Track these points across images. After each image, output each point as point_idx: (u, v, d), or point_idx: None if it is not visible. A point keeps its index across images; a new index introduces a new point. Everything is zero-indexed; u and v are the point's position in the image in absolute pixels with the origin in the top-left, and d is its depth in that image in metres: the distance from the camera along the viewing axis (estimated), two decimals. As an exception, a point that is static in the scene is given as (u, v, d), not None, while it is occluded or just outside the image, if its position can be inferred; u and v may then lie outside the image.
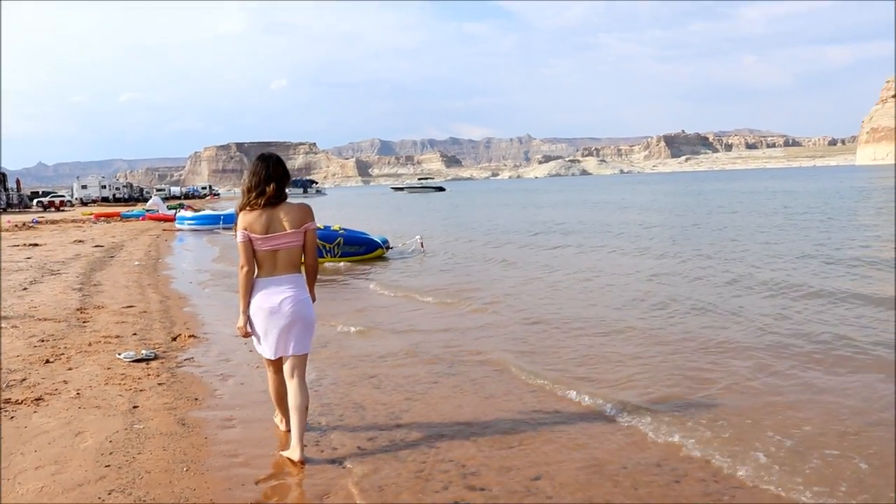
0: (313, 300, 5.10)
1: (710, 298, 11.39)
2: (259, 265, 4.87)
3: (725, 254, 17.87)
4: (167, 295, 13.24)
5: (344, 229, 21.08)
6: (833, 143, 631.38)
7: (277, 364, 5.10)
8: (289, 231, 4.79)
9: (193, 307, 11.94)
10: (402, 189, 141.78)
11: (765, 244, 19.80)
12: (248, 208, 4.78)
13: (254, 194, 4.76)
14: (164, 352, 8.20)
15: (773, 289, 12.07)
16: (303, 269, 5.10)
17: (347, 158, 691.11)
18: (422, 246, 21.63)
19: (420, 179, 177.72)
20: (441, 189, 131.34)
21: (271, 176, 4.80)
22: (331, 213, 53.57)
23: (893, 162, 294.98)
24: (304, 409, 4.91)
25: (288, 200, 4.92)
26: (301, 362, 4.97)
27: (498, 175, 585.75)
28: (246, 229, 4.76)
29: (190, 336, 9.10)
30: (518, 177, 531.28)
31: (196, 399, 6.37)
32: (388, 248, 20.96)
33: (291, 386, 4.93)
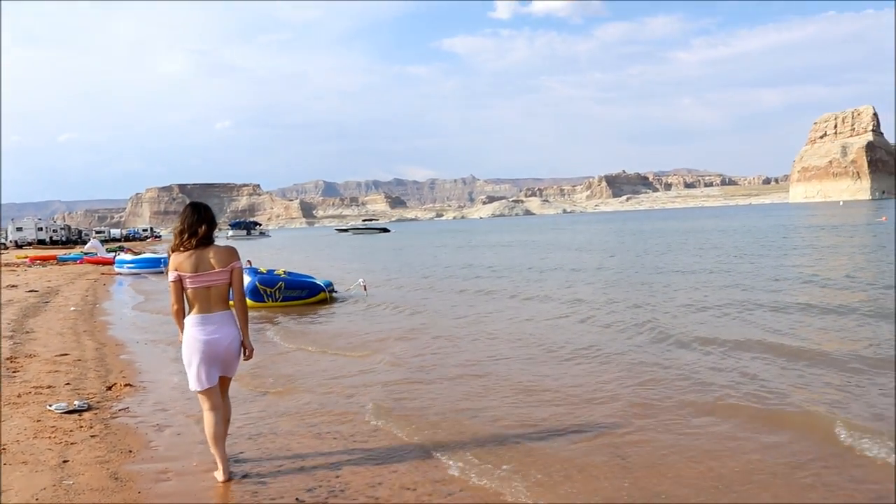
0: (245, 335, 5.50)
1: (610, 346, 11.33)
2: (191, 303, 5.27)
3: (639, 298, 18.08)
4: (103, 342, 12.90)
5: (288, 273, 20.90)
6: (767, 181, 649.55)
7: (213, 400, 5.38)
8: (217, 270, 5.25)
9: (130, 354, 11.67)
10: (346, 230, 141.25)
11: (668, 288, 20.29)
12: (180, 249, 5.23)
13: (186, 235, 5.25)
14: (98, 402, 7.98)
15: (660, 336, 11.93)
16: (233, 307, 5.52)
17: (292, 200, 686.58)
18: (365, 289, 21.50)
19: (364, 221, 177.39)
20: (385, 230, 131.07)
21: (202, 219, 5.31)
22: (274, 255, 53.20)
23: (822, 199, 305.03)
24: (226, 422, 5.56)
25: (216, 243, 5.41)
26: (228, 382, 5.63)
27: (442, 216, 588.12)
28: (177, 269, 5.20)
29: (126, 385, 8.90)
30: (462, 217, 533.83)
31: (130, 451, 6.20)
32: (332, 291, 20.76)
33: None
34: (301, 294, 19.86)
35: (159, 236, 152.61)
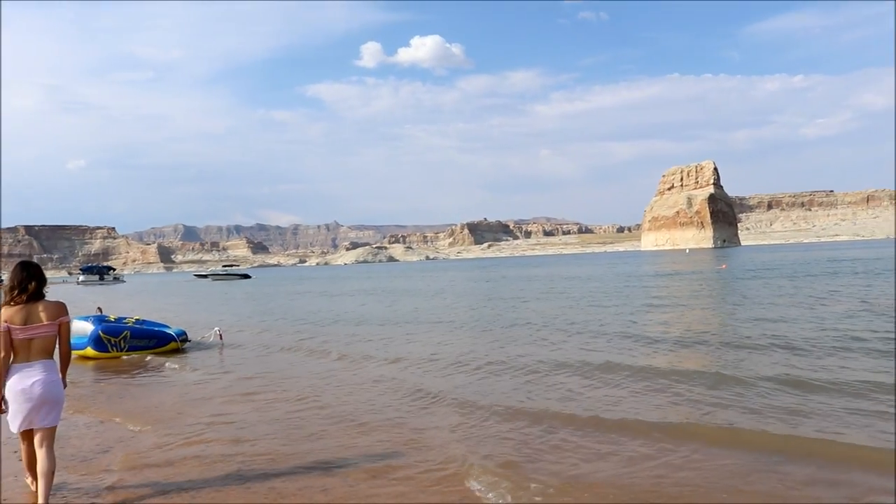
0: (64, 385, 6.01)
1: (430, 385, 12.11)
2: (15, 353, 5.66)
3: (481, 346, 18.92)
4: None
5: (140, 321, 20.24)
6: (621, 230, 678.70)
7: (29, 437, 5.96)
8: (45, 323, 5.71)
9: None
10: (205, 276, 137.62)
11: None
12: (11, 303, 5.67)
13: (17, 291, 5.72)
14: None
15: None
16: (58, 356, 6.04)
17: (149, 244, 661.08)
18: (220, 338, 21.12)
19: (225, 266, 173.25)
20: (246, 276, 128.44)
21: (31, 276, 5.80)
22: (128, 301, 51.26)
23: (671, 247, 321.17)
24: (50, 475, 5.81)
25: (46, 299, 5.94)
26: (49, 434, 5.86)
27: (305, 261, 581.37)
28: (7, 321, 5.60)
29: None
30: (326, 263, 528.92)
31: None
32: (184, 340, 20.22)
33: (40, 454, 5.77)
34: (149, 343, 19.24)
35: (2, 280, 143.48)
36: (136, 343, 18.99)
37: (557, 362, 14.40)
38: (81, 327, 18.97)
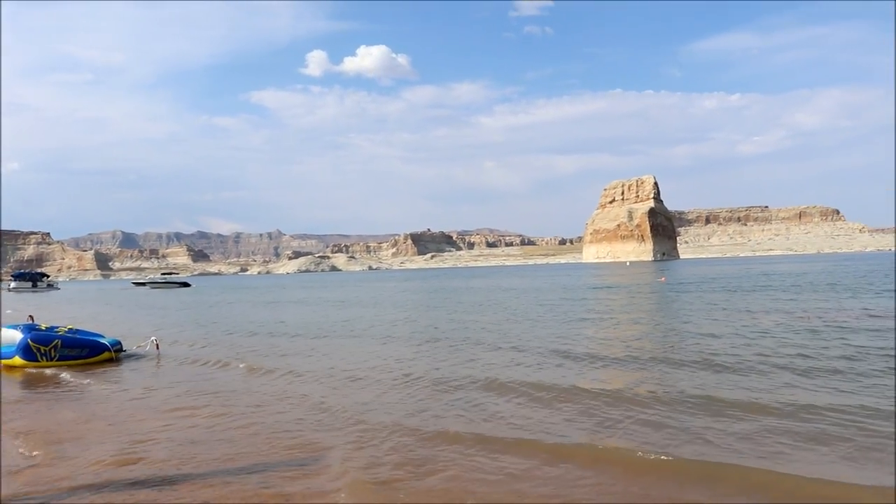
0: None
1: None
2: None
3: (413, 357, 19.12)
4: None
5: (73, 330, 19.89)
6: (563, 242, 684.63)
7: None
8: None
9: None
10: (144, 284, 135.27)
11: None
12: None
13: None
14: None
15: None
16: None
17: (86, 250, 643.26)
18: (157, 347, 20.89)
19: (164, 274, 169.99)
20: (186, 284, 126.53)
21: None
22: (62, 310, 50.10)
23: (612, 259, 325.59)
24: None
25: None
26: None
27: (247, 270, 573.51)
28: None
29: None
30: (268, 272, 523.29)
31: None
32: (118, 350, 19.96)
33: None
34: (82, 353, 18.95)
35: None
36: (67, 353, 18.67)
37: (474, 378, 14.64)
38: (10, 336, 18.62)
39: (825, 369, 14.11)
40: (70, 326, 20.58)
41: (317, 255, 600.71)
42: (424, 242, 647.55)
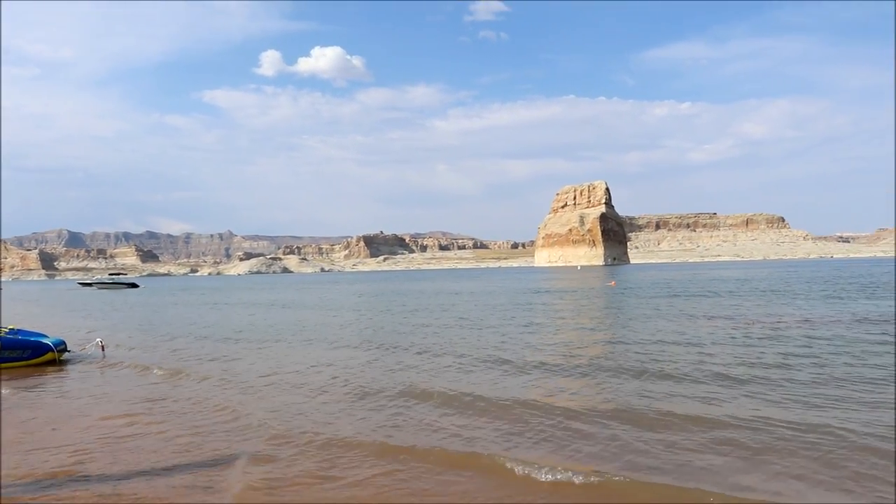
0: None
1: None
2: None
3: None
4: None
5: (15, 330, 19.54)
6: (515, 246, 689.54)
7: None
8: None
9: None
10: (90, 285, 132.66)
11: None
12: None
13: None
14: None
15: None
16: None
17: (30, 250, 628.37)
18: (102, 349, 20.64)
19: (111, 275, 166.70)
20: (134, 285, 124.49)
21: None
22: (2, 310, 48.91)
23: (563, 264, 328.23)
24: None
25: None
26: None
27: (198, 271, 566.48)
28: None
29: None
30: (218, 273, 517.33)
31: None
32: (62, 351, 19.68)
33: None
34: (22, 355, 18.64)
35: None
36: (7, 354, 18.35)
37: (397, 385, 14.65)
38: (-55, 339, 18.26)
39: (757, 379, 14.21)
40: (11, 326, 20.20)
41: (268, 257, 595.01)
42: (377, 245, 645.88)
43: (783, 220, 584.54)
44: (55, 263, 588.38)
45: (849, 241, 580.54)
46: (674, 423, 10.72)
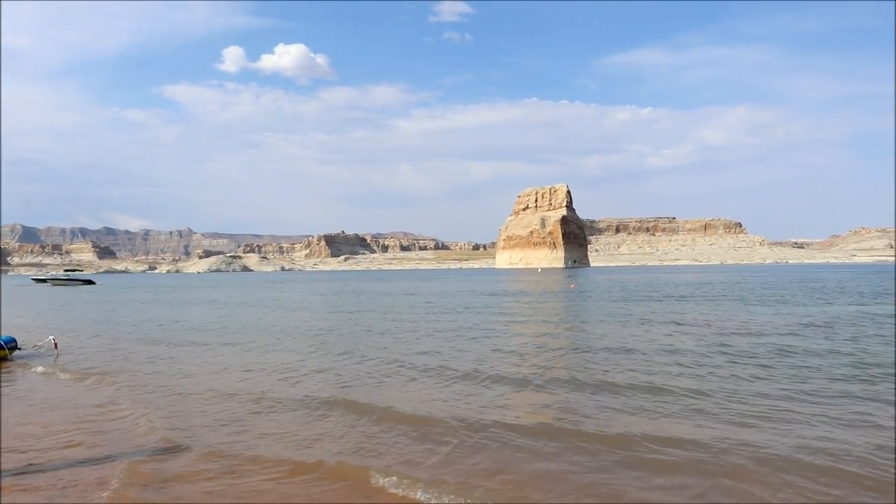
0: None
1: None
2: None
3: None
4: None
5: (-37, 328, 19.33)
6: (477, 247, 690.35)
7: None
8: None
9: None
10: (44, 281, 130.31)
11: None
12: None
13: None
14: None
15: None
16: None
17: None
18: (55, 347, 20.47)
19: (67, 271, 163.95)
20: (90, 282, 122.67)
21: None
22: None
23: (524, 266, 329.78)
24: None
25: None
26: None
27: (156, 269, 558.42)
28: None
29: None
30: (177, 271, 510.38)
31: None
32: (13, 349, 19.50)
33: None
34: (-29, 352, 18.40)
35: None
36: (-45, 352, 18.12)
37: (308, 394, 14.42)
38: None
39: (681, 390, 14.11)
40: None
41: (228, 255, 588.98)
42: (338, 244, 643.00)
43: (741, 225, 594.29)
44: (8, 259, 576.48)
45: (803, 247, 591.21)
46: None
